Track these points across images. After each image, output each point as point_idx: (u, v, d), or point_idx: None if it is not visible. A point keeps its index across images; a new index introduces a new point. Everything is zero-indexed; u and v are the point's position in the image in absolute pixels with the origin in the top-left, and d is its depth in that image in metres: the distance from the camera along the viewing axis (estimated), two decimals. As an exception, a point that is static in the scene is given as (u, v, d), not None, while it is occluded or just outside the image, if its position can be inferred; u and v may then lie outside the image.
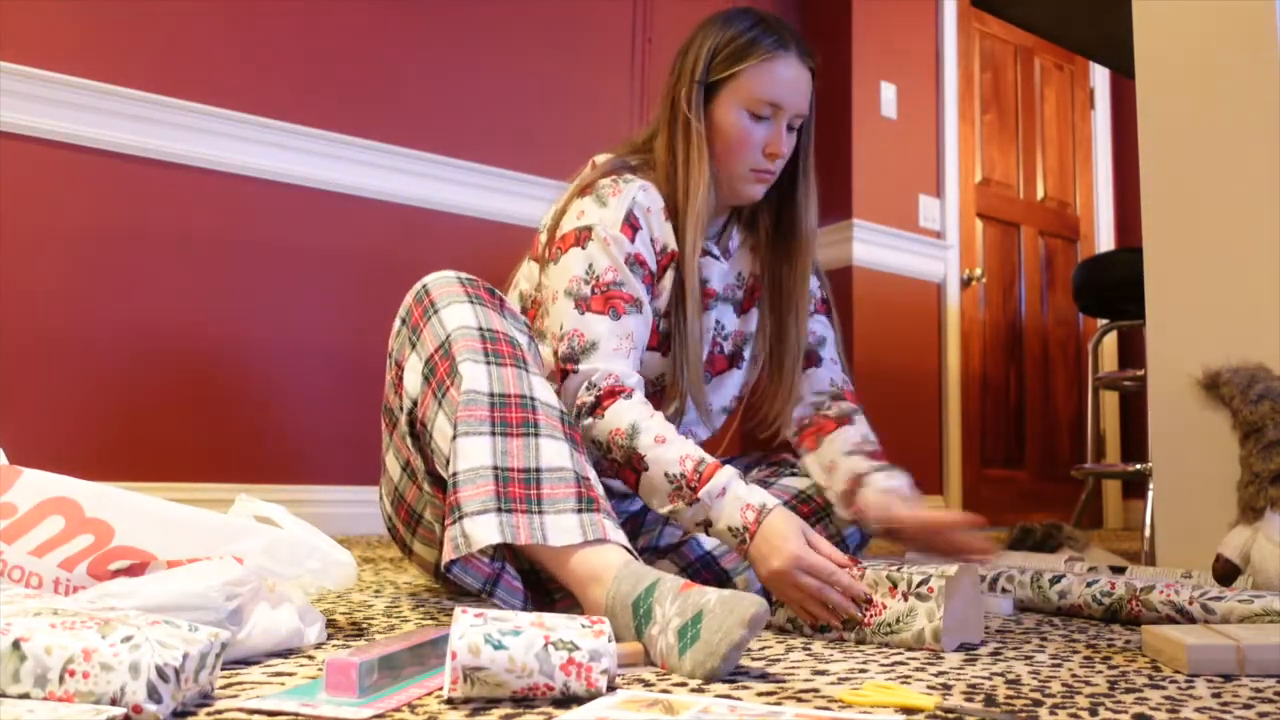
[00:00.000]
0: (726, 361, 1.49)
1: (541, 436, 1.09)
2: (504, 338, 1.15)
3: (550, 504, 1.05)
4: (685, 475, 1.17)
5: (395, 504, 1.36)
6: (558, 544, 1.04)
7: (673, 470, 1.17)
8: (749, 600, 0.90)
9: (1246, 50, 1.72)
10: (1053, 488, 4.24)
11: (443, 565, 1.06)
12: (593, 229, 1.31)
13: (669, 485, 1.18)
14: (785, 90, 1.36)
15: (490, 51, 3.05)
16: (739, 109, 1.36)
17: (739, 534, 1.13)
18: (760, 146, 1.37)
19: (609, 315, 1.27)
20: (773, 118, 1.36)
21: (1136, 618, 1.29)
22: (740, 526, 1.13)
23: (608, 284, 1.28)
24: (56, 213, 2.37)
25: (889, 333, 3.66)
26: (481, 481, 1.05)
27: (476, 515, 1.04)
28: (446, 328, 1.15)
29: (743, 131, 1.36)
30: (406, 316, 1.21)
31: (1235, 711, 0.79)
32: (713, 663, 0.88)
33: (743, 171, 1.38)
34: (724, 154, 1.37)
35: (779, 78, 1.35)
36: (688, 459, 1.17)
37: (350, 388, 2.74)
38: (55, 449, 2.28)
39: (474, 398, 1.09)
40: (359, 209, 2.81)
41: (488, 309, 1.17)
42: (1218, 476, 1.50)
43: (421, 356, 1.17)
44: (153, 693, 0.68)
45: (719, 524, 1.15)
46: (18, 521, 0.94)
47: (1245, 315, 1.68)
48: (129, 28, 2.49)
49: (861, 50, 3.73)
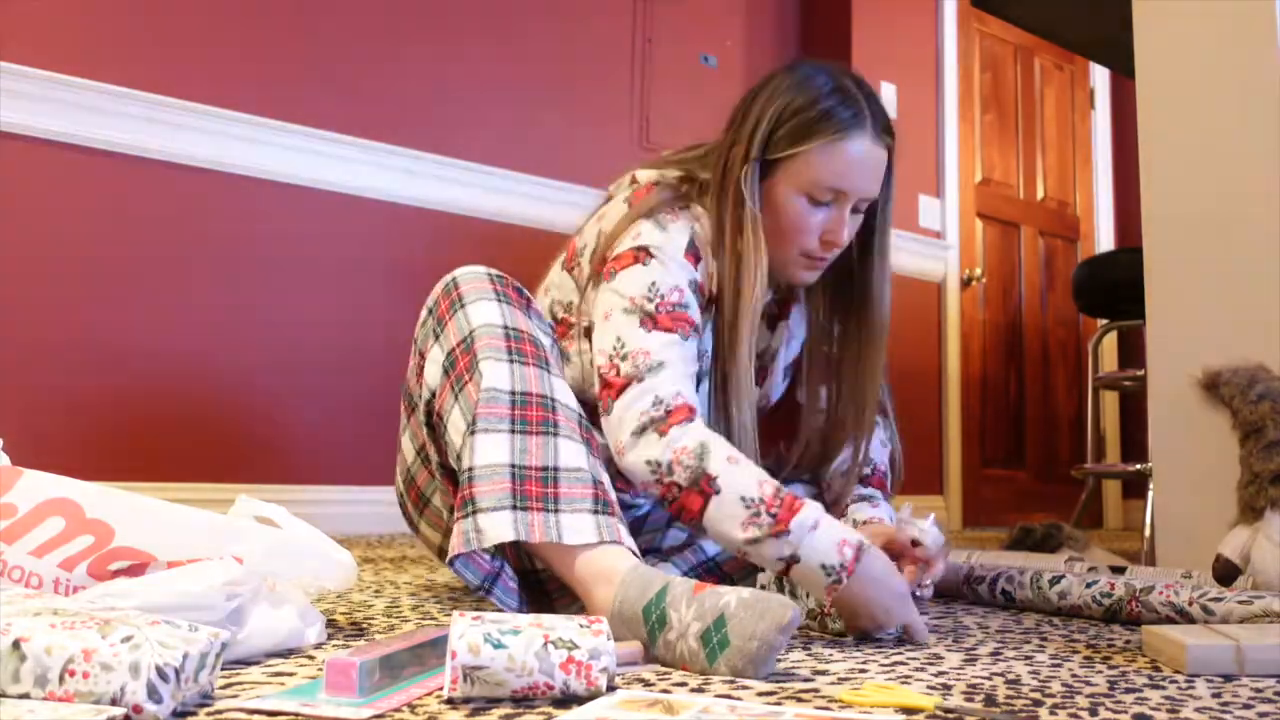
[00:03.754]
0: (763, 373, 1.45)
1: (560, 436, 1.09)
2: (528, 337, 1.14)
3: (567, 503, 1.05)
4: (765, 500, 1.07)
5: (407, 484, 1.36)
6: (572, 542, 1.03)
7: (750, 494, 1.08)
8: (777, 602, 0.89)
9: (1246, 50, 1.72)
10: (1053, 488, 4.24)
11: (448, 559, 1.06)
12: (653, 249, 1.22)
13: (744, 511, 1.07)
14: (854, 176, 1.22)
15: (490, 51, 3.05)
16: (798, 194, 1.23)
17: (833, 572, 1.05)
18: (818, 233, 1.25)
19: (677, 335, 1.18)
20: (835, 202, 1.24)
21: (1136, 618, 1.29)
22: (837, 565, 1.05)
23: (673, 304, 1.19)
24: (56, 213, 2.37)
25: (889, 333, 3.65)
26: (498, 478, 1.05)
27: (491, 511, 1.04)
28: (472, 323, 1.14)
29: (799, 217, 1.23)
30: (434, 307, 1.21)
31: (1235, 711, 0.79)
32: (749, 668, 0.88)
33: (795, 256, 1.27)
34: (775, 236, 1.25)
35: (848, 161, 1.21)
36: (766, 484, 1.09)
37: (350, 388, 2.74)
38: (55, 449, 2.28)
39: (495, 395, 1.09)
40: (359, 209, 2.81)
41: (514, 308, 1.17)
42: (1218, 476, 1.50)
43: (444, 349, 1.16)
44: (153, 693, 0.68)
45: (810, 560, 1.06)
46: (18, 522, 0.94)
47: (1245, 315, 1.68)
48: (129, 27, 2.49)
49: (861, 50, 3.73)
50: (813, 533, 1.06)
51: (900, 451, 1.49)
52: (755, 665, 0.88)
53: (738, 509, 1.08)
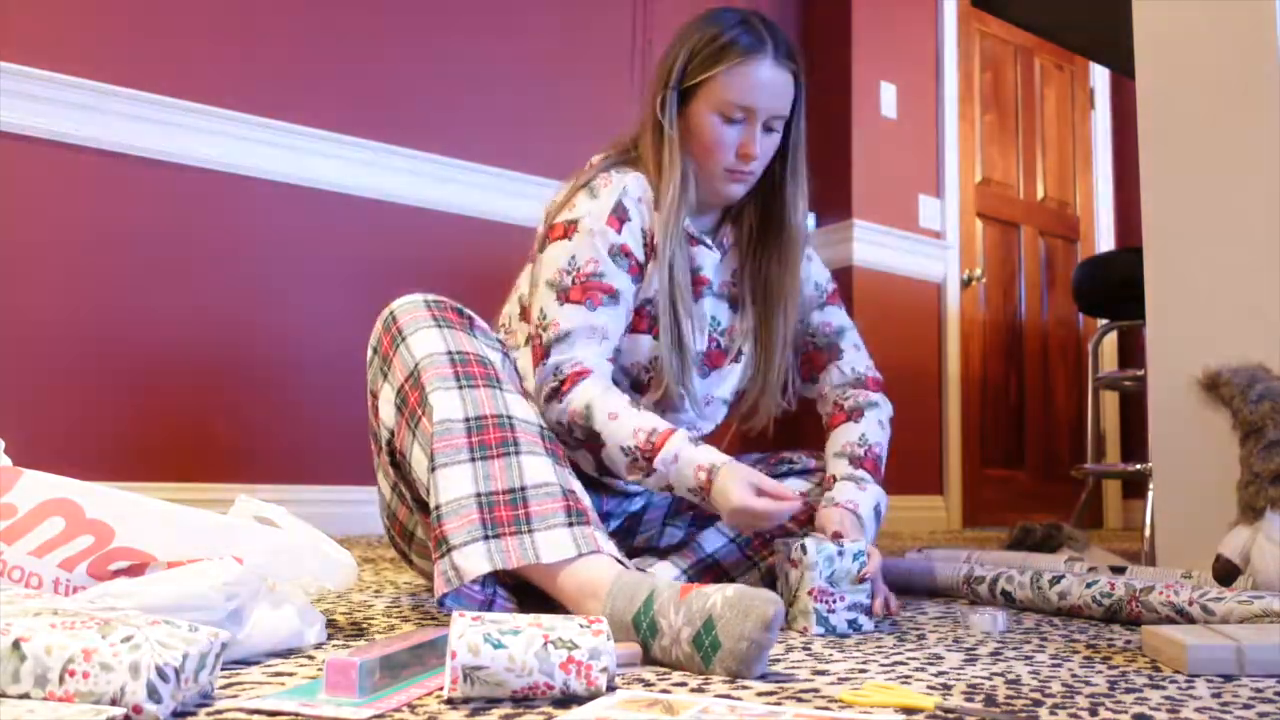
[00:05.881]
0: (724, 355, 1.49)
1: (523, 454, 1.09)
2: (475, 358, 1.15)
3: (540, 520, 1.05)
4: (639, 447, 1.22)
5: (390, 519, 1.37)
6: (550, 560, 1.03)
7: (627, 444, 1.23)
8: (761, 599, 0.89)
9: (1246, 50, 1.72)
10: (1053, 488, 4.24)
11: (435, 599, 1.06)
12: (579, 221, 1.34)
13: (625, 458, 1.24)
14: (759, 94, 1.35)
15: (490, 52, 3.05)
16: (712, 113, 1.36)
17: (697, 493, 1.22)
18: (734, 148, 1.37)
19: (585, 305, 1.30)
20: (746, 120, 1.36)
21: (1136, 618, 1.29)
22: (696, 487, 1.21)
23: (587, 275, 1.32)
24: (56, 213, 2.37)
25: (889, 333, 3.65)
26: (465, 512, 1.05)
27: (463, 546, 1.04)
28: (415, 355, 1.15)
29: (715, 135, 1.36)
30: (377, 345, 1.22)
31: (1235, 711, 0.79)
32: (744, 669, 0.88)
33: (718, 172, 1.39)
34: (700, 156, 1.39)
35: (752, 82, 1.34)
36: (640, 431, 1.23)
37: (350, 388, 2.74)
38: (55, 449, 2.28)
39: (448, 426, 1.09)
40: (358, 209, 2.81)
41: (456, 330, 1.18)
42: (1218, 476, 1.50)
43: (394, 386, 1.17)
44: (153, 693, 0.68)
45: (679, 488, 1.23)
46: (18, 522, 0.94)
47: (1245, 315, 1.68)
48: (130, 28, 2.49)
49: (861, 50, 3.73)
50: (674, 465, 1.21)
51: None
52: (748, 665, 0.88)
53: (621, 456, 1.24)
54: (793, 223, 1.46)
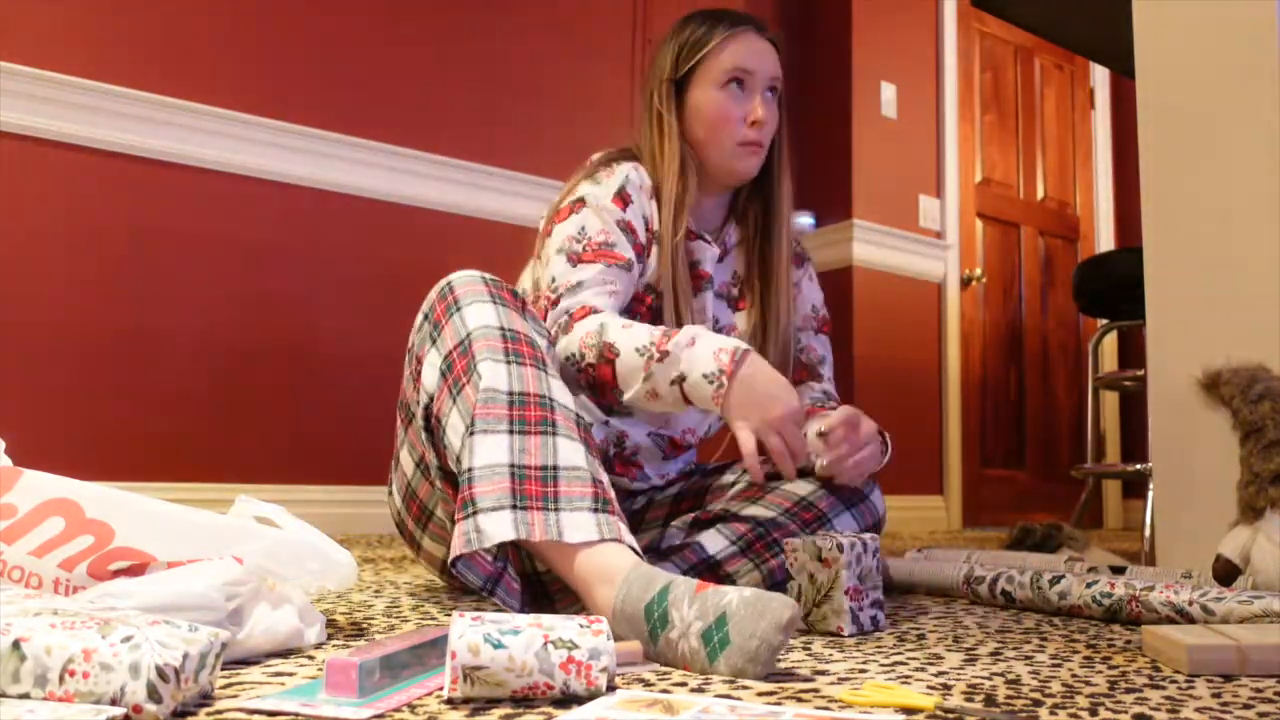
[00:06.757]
0: None
1: (559, 436, 1.09)
2: (525, 338, 1.15)
3: (567, 501, 1.05)
4: (655, 341, 1.22)
5: (407, 500, 1.36)
6: (573, 540, 1.03)
7: (642, 343, 1.22)
8: (778, 602, 0.89)
9: (1246, 50, 1.72)
10: (1053, 488, 4.24)
11: (449, 559, 1.06)
12: (585, 198, 1.38)
13: (640, 358, 1.22)
14: (752, 57, 1.41)
15: (491, 52, 3.05)
16: (712, 87, 1.41)
17: (714, 379, 1.17)
18: (742, 118, 1.41)
19: (600, 264, 1.33)
20: (746, 87, 1.42)
21: (1136, 618, 1.29)
22: (716, 370, 1.17)
23: (599, 244, 1.34)
24: (56, 213, 2.37)
25: (889, 333, 3.66)
26: (498, 478, 1.05)
27: (491, 511, 1.04)
28: (468, 325, 1.15)
29: (721, 108, 1.41)
30: (430, 312, 1.22)
31: (1235, 711, 0.79)
32: (750, 667, 0.88)
33: (731, 147, 1.42)
34: (710, 134, 1.42)
35: (746, 48, 1.42)
36: (655, 330, 1.23)
37: (350, 388, 2.74)
38: (56, 449, 2.28)
39: (493, 395, 1.09)
40: (358, 209, 2.81)
41: (510, 310, 1.18)
42: (1218, 476, 1.50)
43: (441, 353, 1.17)
44: (153, 693, 0.68)
45: (693, 373, 1.19)
46: (18, 522, 0.94)
47: (1245, 315, 1.68)
48: (129, 28, 2.49)
49: (861, 50, 3.73)
50: (690, 349, 1.19)
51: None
52: (756, 664, 0.88)
53: (635, 360, 1.22)
54: (779, 194, 1.49)
